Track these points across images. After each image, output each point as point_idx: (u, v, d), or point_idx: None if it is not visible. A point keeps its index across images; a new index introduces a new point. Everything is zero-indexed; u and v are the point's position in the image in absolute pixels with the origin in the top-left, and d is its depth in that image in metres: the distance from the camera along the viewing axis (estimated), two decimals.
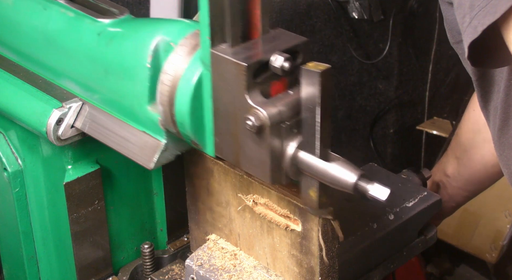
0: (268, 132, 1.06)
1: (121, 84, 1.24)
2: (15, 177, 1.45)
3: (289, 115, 1.07)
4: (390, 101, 2.53)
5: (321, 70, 1.00)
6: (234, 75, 1.06)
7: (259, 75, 1.07)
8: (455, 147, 1.71)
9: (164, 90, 1.16)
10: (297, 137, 1.08)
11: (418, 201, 1.44)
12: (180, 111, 1.15)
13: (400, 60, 2.47)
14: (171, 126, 1.19)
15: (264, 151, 1.07)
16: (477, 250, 2.40)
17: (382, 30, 2.40)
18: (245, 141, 1.09)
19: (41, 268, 1.53)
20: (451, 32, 1.33)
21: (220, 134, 1.14)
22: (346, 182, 1.04)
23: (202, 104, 1.15)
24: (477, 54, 1.02)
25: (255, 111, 1.05)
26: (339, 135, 2.58)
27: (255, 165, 1.10)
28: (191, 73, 1.13)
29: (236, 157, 1.13)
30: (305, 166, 1.07)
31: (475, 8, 0.96)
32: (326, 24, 2.40)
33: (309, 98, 1.03)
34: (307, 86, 1.03)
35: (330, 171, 1.05)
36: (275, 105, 1.06)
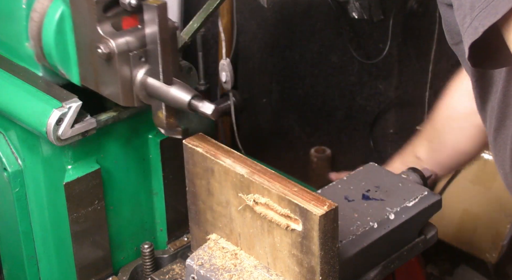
0: (116, 59, 1.25)
1: (3, 25, 1.43)
2: (15, 177, 1.45)
3: (137, 46, 1.26)
4: (390, 101, 2.53)
5: (158, 5, 1.19)
6: (87, 9, 1.25)
7: (109, 10, 1.25)
8: (429, 131, 1.73)
9: (34, 26, 1.35)
10: (145, 66, 1.27)
11: (419, 201, 1.44)
12: (47, 44, 1.34)
13: (400, 60, 2.47)
14: (43, 59, 1.38)
15: (115, 76, 1.27)
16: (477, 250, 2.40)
17: (382, 30, 2.40)
18: (101, 68, 1.28)
19: (41, 268, 1.53)
20: (450, 34, 1.33)
21: (82, 64, 1.33)
22: (183, 101, 1.23)
23: (65, 37, 1.33)
24: (477, 55, 1.02)
25: (105, 40, 1.24)
26: (339, 135, 2.58)
27: (110, 90, 1.29)
28: (54, 10, 1.32)
29: (96, 84, 1.32)
30: (152, 90, 1.27)
31: (476, 9, 0.96)
32: (326, 24, 2.40)
33: (151, 31, 1.23)
34: (149, 20, 1.22)
35: (170, 93, 1.24)
36: (123, 36, 1.25)
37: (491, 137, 1.28)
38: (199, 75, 2.53)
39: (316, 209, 1.14)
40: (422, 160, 1.72)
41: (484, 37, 0.96)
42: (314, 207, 1.14)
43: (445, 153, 1.69)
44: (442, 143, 1.68)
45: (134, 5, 1.23)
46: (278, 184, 1.20)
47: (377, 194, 1.45)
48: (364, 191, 1.45)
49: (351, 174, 1.52)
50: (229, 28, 2.46)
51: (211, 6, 1.53)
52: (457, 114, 1.64)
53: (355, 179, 1.49)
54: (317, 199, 1.16)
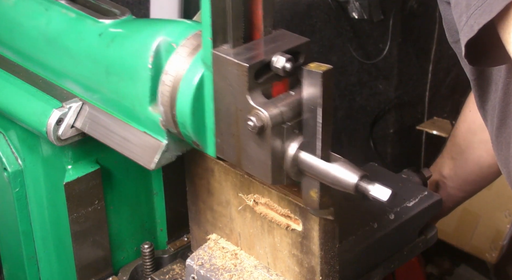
0: (269, 132, 1.06)
1: (122, 85, 1.24)
2: (15, 177, 1.45)
3: (291, 116, 1.07)
4: (390, 101, 2.53)
5: (323, 71, 1.01)
6: (236, 75, 1.06)
7: (260, 76, 1.07)
8: (451, 148, 1.71)
9: (165, 91, 1.16)
10: (298, 138, 1.08)
11: (419, 201, 1.44)
12: (181, 112, 1.15)
13: (400, 60, 2.47)
14: (172, 127, 1.19)
15: (265, 151, 1.08)
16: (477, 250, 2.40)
17: (382, 30, 2.40)
18: (246, 141, 1.10)
19: (41, 268, 1.53)
20: (449, 32, 1.33)
21: (221, 135, 1.14)
22: (348, 183, 1.04)
23: (203, 104, 1.15)
24: (474, 53, 1.03)
25: (257, 112, 1.06)
26: (339, 135, 2.58)
27: (256, 165, 1.10)
28: (192, 74, 1.14)
29: (238, 158, 1.13)
30: (306, 166, 1.07)
31: (472, 7, 0.97)
32: (326, 24, 2.40)
33: (310, 98, 1.04)
34: (309, 87, 1.03)
35: (331, 172, 1.05)
36: (276, 105, 1.06)
37: (493, 136, 1.28)
38: None
39: None
40: (446, 178, 1.70)
41: (480, 35, 0.96)
42: None
43: (469, 169, 1.67)
44: (465, 159, 1.66)
45: (289, 69, 1.06)
46: None
47: None
48: None
49: None
50: None
51: None
52: (477, 127, 1.62)
53: None
54: None
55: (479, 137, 1.62)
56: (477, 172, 1.67)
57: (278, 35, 1.11)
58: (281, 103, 1.07)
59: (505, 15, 0.93)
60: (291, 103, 1.08)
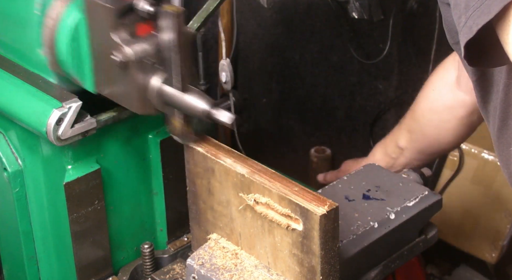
0: (132, 67, 1.22)
1: (18, 32, 1.42)
2: (15, 177, 1.45)
3: (153, 53, 1.23)
4: (390, 101, 2.53)
5: (176, 11, 1.16)
6: (102, 16, 1.23)
7: (125, 17, 1.23)
8: (410, 122, 1.75)
9: (47, 33, 1.33)
10: (160, 73, 1.24)
11: (419, 201, 1.44)
12: (60, 51, 1.32)
13: (400, 60, 2.47)
14: (56, 66, 1.36)
15: (131, 84, 1.24)
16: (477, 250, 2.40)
17: (382, 30, 2.40)
18: (115, 76, 1.26)
19: (41, 268, 1.52)
20: (450, 33, 1.33)
21: (97, 72, 1.30)
22: (199, 109, 1.21)
23: (80, 44, 1.30)
24: (473, 54, 1.03)
25: (121, 48, 1.21)
26: (339, 135, 2.58)
27: (126, 98, 1.27)
28: (69, 16, 1.30)
29: (111, 92, 1.30)
30: (168, 97, 1.24)
31: (470, 9, 0.97)
32: (326, 24, 2.40)
33: (168, 38, 1.19)
34: (166, 27, 1.19)
35: (187, 101, 1.22)
36: (138, 43, 1.22)
37: (494, 137, 1.28)
38: (199, 75, 2.53)
39: (316, 209, 1.14)
40: (403, 149, 1.75)
41: (478, 36, 0.96)
42: (315, 206, 1.14)
43: (426, 143, 1.72)
44: (423, 134, 1.71)
45: (151, 11, 1.20)
46: (279, 183, 1.20)
47: (378, 194, 1.45)
48: (364, 191, 1.45)
49: (352, 174, 1.52)
50: (229, 28, 2.46)
51: (211, 6, 1.53)
52: (439, 107, 1.66)
53: (355, 179, 1.50)
54: (318, 199, 1.16)
55: (439, 117, 1.66)
56: (435, 146, 1.72)
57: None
58: (144, 42, 1.23)
59: (503, 16, 0.93)
60: (153, 42, 1.22)
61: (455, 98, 1.61)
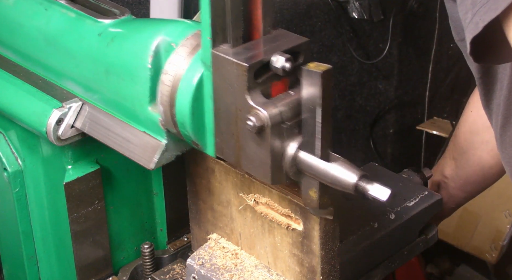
0: (268, 132, 1.06)
1: (122, 85, 1.24)
2: (15, 177, 1.44)
3: (290, 116, 1.07)
4: (390, 101, 2.53)
5: (322, 71, 1.01)
6: (235, 75, 1.06)
7: (260, 76, 1.07)
8: (453, 149, 1.71)
9: (165, 91, 1.17)
10: (297, 138, 1.08)
11: (419, 201, 1.44)
12: (180, 112, 1.15)
13: (400, 60, 2.47)
14: (172, 127, 1.19)
15: (265, 151, 1.08)
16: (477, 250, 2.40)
17: (382, 30, 2.40)
18: (245, 141, 1.10)
19: (41, 268, 1.52)
20: (455, 29, 1.33)
21: (221, 135, 1.14)
22: (347, 182, 1.04)
23: (203, 104, 1.15)
24: (479, 50, 1.03)
25: (256, 112, 1.05)
26: (339, 135, 2.58)
27: (256, 165, 1.10)
28: (192, 74, 1.14)
29: (237, 158, 1.13)
30: (306, 166, 1.07)
31: (477, 5, 0.97)
32: (326, 24, 2.40)
33: (310, 98, 1.04)
34: (308, 87, 1.03)
35: (331, 172, 1.05)
36: (275, 105, 1.06)
37: (497, 135, 1.28)
38: None
39: None
40: (448, 178, 1.69)
41: (485, 32, 0.96)
42: None
43: (471, 170, 1.66)
44: (466, 159, 1.65)
45: (288, 69, 1.06)
46: None
47: None
48: None
49: None
50: None
51: None
52: (478, 128, 1.61)
53: None
54: None
55: (480, 138, 1.61)
56: (478, 173, 1.66)
57: (277, 35, 1.11)
58: (281, 103, 1.07)
59: (510, 13, 0.93)
60: (291, 103, 1.08)
61: None
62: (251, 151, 1.10)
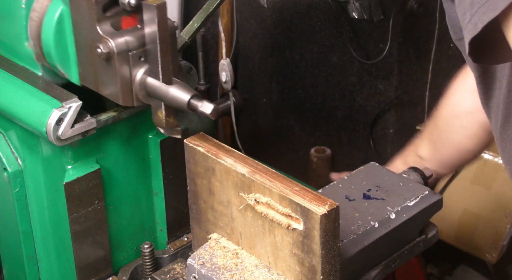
0: (115, 58, 1.24)
1: (3, 25, 1.43)
2: (15, 177, 1.45)
3: (136, 45, 1.25)
4: (390, 101, 2.53)
5: (157, 4, 1.18)
6: (87, 9, 1.25)
7: (109, 9, 1.25)
8: (431, 130, 1.72)
9: (33, 26, 1.35)
10: (145, 65, 1.26)
11: (419, 200, 1.44)
12: (46, 44, 1.34)
13: (400, 60, 2.47)
14: (42, 59, 1.37)
15: (114, 76, 1.26)
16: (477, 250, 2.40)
17: (382, 30, 2.40)
18: (100, 68, 1.28)
19: (41, 268, 1.52)
20: (453, 29, 1.33)
21: (82, 64, 1.32)
22: (182, 101, 1.23)
23: (65, 37, 1.32)
24: (478, 51, 1.02)
25: (104, 40, 1.24)
26: (339, 135, 2.58)
27: (110, 89, 1.28)
28: (54, 10, 1.32)
29: (96, 84, 1.31)
30: (151, 89, 1.26)
31: (475, 5, 0.97)
32: (326, 24, 2.40)
33: (150, 31, 1.22)
34: (148, 20, 1.21)
35: (170, 93, 1.24)
36: (122, 35, 1.25)
37: (497, 133, 1.27)
38: (199, 75, 2.53)
39: (317, 209, 1.14)
40: (424, 159, 1.71)
41: (484, 32, 0.96)
42: (315, 206, 1.14)
43: (447, 152, 1.69)
44: (444, 142, 1.68)
45: (134, 4, 1.23)
46: (279, 183, 1.20)
47: (378, 193, 1.45)
48: (365, 191, 1.45)
49: (352, 173, 1.52)
50: (229, 28, 2.46)
51: (211, 6, 1.53)
52: (460, 112, 1.63)
53: (356, 178, 1.49)
54: (318, 199, 1.16)
55: (460, 122, 1.63)
56: (454, 156, 1.69)
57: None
58: (128, 34, 1.25)
59: (509, 13, 0.93)
60: (137, 35, 1.25)
61: (475, 103, 1.55)
62: (105, 77, 1.28)
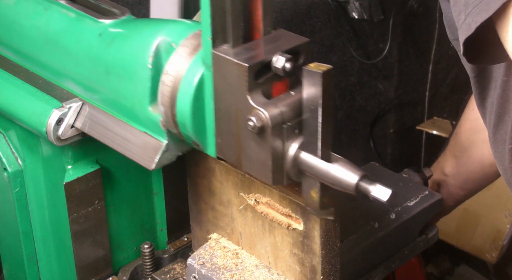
0: (269, 132, 1.06)
1: (122, 85, 1.24)
2: (15, 177, 1.44)
3: (291, 116, 1.07)
4: (390, 101, 2.53)
5: (323, 71, 1.01)
6: (236, 75, 1.06)
7: (260, 76, 1.07)
8: (454, 146, 1.71)
9: (166, 91, 1.16)
10: (298, 138, 1.08)
11: (420, 200, 1.44)
12: (181, 112, 1.15)
13: (400, 60, 2.47)
14: (173, 127, 1.19)
15: (266, 152, 1.07)
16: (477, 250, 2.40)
17: (382, 30, 2.40)
18: (246, 142, 1.10)
19: (41, 268, 1.52)
20: (450, 29, 1.33)
21: (221, 135, 1.14)
22: (348, 183, 1.04)
23: (203, 105, 1.14)
24: (473, 51, 1.03)
25: (257, 112, 1.05)
26: (339, 135, 2.58)
27: (257, 166, 1.10)
28: (192, 74, 1.13)
29: (238, 158, 1.13)
30: (307, 167, 1.07)
31: (469, 6, 0.97)
32: (326, 24, 2.40)
33: (310, 98, 1.04)
34: (309, 87, 1.03)
35: (332, 172, 1.05)
36: (276, 105, 1.06)
37: (490, 133, 1.28)
38: None
39: None
40: (448, 176, 1.70)
41: (478, 33, 0.96)
42: None
43: (472, 167, 1.66)
44: (467, 157, 1.66)
45: (289, 69, 1.06)
46: None
47: None
48: None
49: None
50: None
51: None
52: (480, 126, 1.59)
53: None
54: None
55: (481, 136, 1.61)
56: (479, 171, 1.67)
57: (277, 35, 1.11)
58: (281, 103, 1.07)
59: (503, 13, 0.93)
60: (291, 103, 1.08)
61: None
62: (251, 151, 1.10)
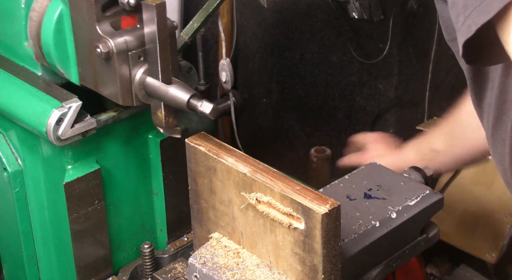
0: (115, 58, 1.25)
1: (3, 25, 1.43)
2: (15, 177, 1.44)
3: (135, 45, 1.26)
4: (390, 101, 2.53)
5: (156, 4, 1.19)
6: (86, 9, 1.25)
7: (108, 9, 1.26)
8: (448, 125, 1.73)
9: (33, 26, 1.36)
10: (144, 65, 1.27)
11: (420, 200, 1.44)
12: (45, 43, 1.35)
13: (400, 60, 2.47)
14: (42, 59, 1.38)
15: (114, 76, 1.26)
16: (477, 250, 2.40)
17: (382, 30, 2.40)
18: (100, 68, 1.28)
19: (41, 268, 1.52)
20: (446, 30, 1.33)
21: (81, 63, 1.33)
22: (181, 101, 1.24)
23: (65, 36, 1.33)
24: (471, 52, 1.02)
25: (104, 40, 1.24)
26: (339, 135, 2.58)
27: (109, 89, 1.29)
28: (53, 9, 1.33)
29: (95, 84, 1.32)
30: (151, 89, 1.27)
31: (469, 8, 0.96)
32: (326, 24, 2.40)
33: (150, 30, 1.23)
34: (147, 20, 1.22)
35: (170, 92, 1.25)
36: (122, 35, 1.26)
37: (488, 134, 1.28)
38: (199, 75, 2.53)
39: (318, 208, 1.14)
40: (438, 152, 1.72)
41: (477, 35, 0.96)
42: (317, 205, 1.14)
43: (465, 148, 1.70)
44: (463, 139, 1.69)
45: (133, 4, 1.24)
46: (281, 182, 1.19)
47: (379, 193, 1.45)
48: (366, 190, 1.45)
49: (353, 173, 1.52)
50: (229, 28, 2.46)
51: (211, 6, 1.53)
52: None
53: (357, 178, 1.49)
54: (320, 198, 1.16)
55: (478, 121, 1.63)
56: (470, 153, 1.70)
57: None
58: (128, 34, 1.26)
59: (504, 15, 0.93)
60: (137, 34, 1.26)
61: None
62: (104, 76, 1.28)
